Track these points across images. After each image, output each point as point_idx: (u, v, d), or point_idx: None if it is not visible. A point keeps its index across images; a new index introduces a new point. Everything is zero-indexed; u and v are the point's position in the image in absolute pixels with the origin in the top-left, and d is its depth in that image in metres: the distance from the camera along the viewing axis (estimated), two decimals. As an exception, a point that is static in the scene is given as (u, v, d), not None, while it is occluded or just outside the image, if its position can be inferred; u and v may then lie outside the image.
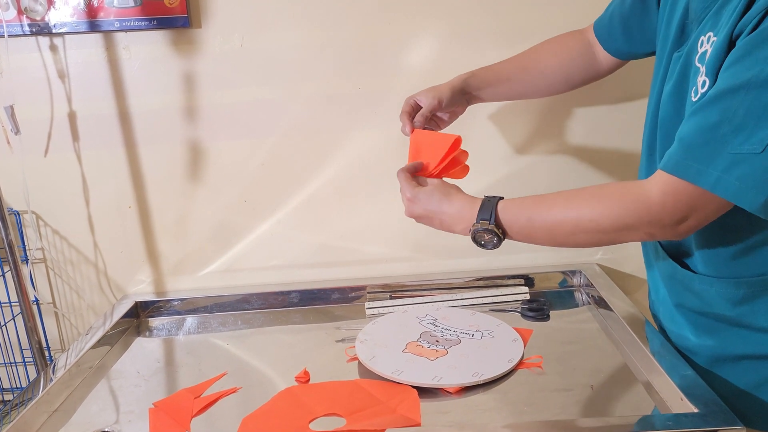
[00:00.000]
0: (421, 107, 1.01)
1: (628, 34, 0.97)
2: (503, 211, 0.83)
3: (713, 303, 0.83)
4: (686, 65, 0.77)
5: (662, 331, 0.97)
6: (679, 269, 0.86)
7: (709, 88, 0.70)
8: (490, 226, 0.83)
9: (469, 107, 1.23)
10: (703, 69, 0.72)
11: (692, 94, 0.74)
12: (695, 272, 0.84)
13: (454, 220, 0.88)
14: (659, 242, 0.90)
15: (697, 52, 0.75)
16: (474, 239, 0.86)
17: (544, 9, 1.19)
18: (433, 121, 1.05)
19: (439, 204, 0.88)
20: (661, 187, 0.72)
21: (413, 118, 1.00)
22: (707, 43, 0.73)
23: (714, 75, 0.70)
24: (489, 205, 0.84)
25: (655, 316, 1.01)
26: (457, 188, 0.91)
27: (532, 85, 1.07)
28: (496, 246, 0.85)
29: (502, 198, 0.85)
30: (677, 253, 0.87)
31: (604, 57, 1.03)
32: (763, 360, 0.82)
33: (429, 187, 0.91)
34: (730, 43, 0.68)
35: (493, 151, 1.27)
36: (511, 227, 0.83)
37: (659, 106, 0.83)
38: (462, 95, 1.03)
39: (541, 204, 0.82)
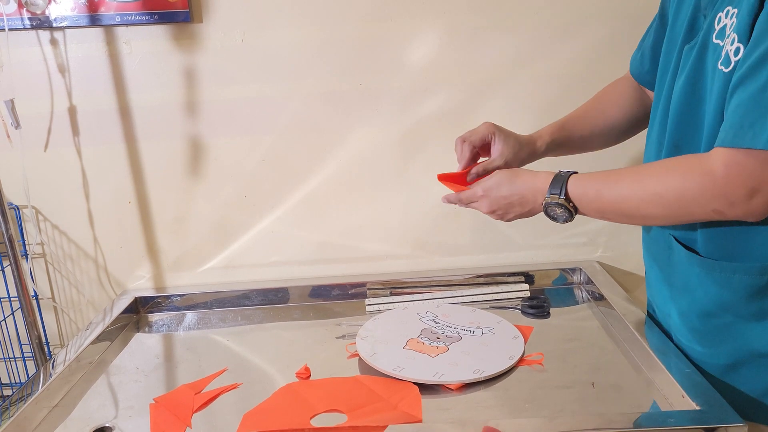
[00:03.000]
0: (487, 141, 0.98)
1: (657, 62, 0.94)
2: (573, 186, 0.84)
3: (731, 295, 0.80)
4: (701, 51, 0.76)
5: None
6: (696, 257, 0.83)
7: (745, 53, 0.69)
8: (560, 200, 0.84)
9: (472, 109, 1.24)
10: (730, 38, 0.71)
11: (720, 67, 0.73)
12: (715, 260, 0.81)
13: (532, 195, 0.88)
14: (674, 236, 0.87)
15: (714, 30, 0.74)
16: (546, 213, 0.87)
17: (543, 4, 1.19)
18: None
19: (510, 186, 0.90)
20: (722, 160, 0.70)
21: (471, 155, 0.98)
22: (726, 18, 0.72)
23: (748, 36, 0.69)
24: (560, 179, 0.85)
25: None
26: (518, 169, 0.92)
27: (597, 139, 1.05)
28: (568, 219, 0.86)
29: (576, 173, 0.85)
30: (694, 242, 0.85)
31: (651, 94, 1.00)
32: None
33: (493, 177, 0.92)
34: (760, 6, 0.67)
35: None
36: (580, 201, 0.83)
37: (670, 100, 0.83)
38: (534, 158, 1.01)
39: (609, 178, 0.82)
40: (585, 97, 1.23)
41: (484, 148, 0.99)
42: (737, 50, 0.70)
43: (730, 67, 0.71)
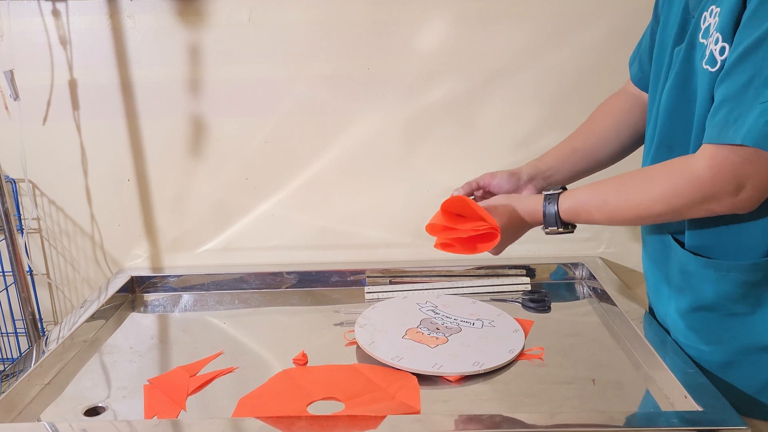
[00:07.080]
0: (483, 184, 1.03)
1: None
2: (566, 212, 0.87)
3: (728, 292, 0.81)
4: (689, 50, 0.77)
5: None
6: (693, 256, 0.84)
7: (730, 51, 0.70)
8: (560, 230, 0.89)
9: (479, 98, 1.21)
10: (713, 37, 0.72)
11: (705, 66, 0.74)
12: (711, 258, 0.82)
13: (530, 227, 0.93)
14: (672, 235, 0.88)
15: (700, 29, 0.75)
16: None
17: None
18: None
19: (508, 225, 0.92)
20: (706, 160, 0.72)
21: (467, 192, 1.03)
22: (710, 17, 0.73)
23: (731, 35, 0.70)
24: (551, 215, 0.88)
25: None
26: (508, 205, 0.92)
27: (601, 151, 1.03)
28: (571, 231, 0.90)
29: (561, 192, 0.88)
30: (691, 241, 0.85)
31: None
32: None
33: (490, 204, 0.94)
34: (742, 4, 0.69)
35: (501, 141, 1.25)
36: (577, 220, 0.87)
37: (661, 101, 0.83)
38: (524, 180, 1.01)
39: (596, 195, 0.84)
40: (593, 90, 1.22)
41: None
42: (722, 49, 0.71)
43: (716, 67, 0.72)
